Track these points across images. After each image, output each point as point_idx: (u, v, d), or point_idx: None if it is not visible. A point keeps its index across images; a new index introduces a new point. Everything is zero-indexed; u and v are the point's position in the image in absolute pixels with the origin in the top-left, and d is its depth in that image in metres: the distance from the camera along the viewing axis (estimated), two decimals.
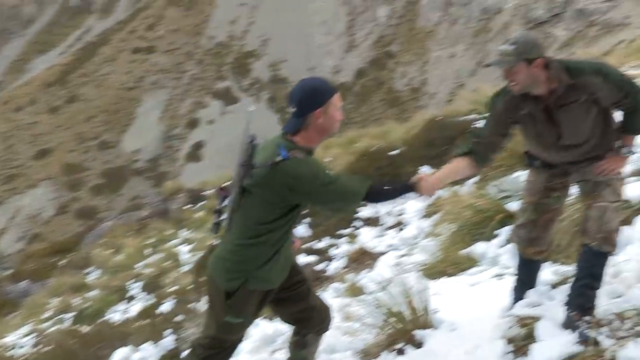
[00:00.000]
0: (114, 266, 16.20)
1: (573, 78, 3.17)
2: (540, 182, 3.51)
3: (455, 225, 6.27)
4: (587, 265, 3.30)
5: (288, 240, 3.25)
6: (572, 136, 3.27)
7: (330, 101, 3.13)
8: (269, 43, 71.83)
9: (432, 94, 62.90)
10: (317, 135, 3.15)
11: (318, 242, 8.54)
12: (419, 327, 3.76)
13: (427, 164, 9.24)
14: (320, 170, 3.06)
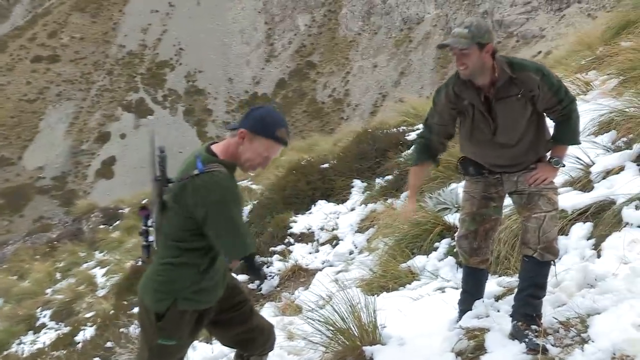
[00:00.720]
0: (19, 293, 15.57)
1: (514, 72, 3.36)
2: (477, 192, 3.67)
3: (392, 238, 6.39)
4: (530, 275, 3.48)
5: (218, 260, 3.17)
6: (506, 132, 3.43)
7: (263, 139, 3.03)
8: (184, 52, 71.02)
9: (356, 105, 64.04)
10: (237, 155, 3.08)
11: None
12: (367, 343, 3.82)
13: (358, 177, 9.40)
14: (229, 197, 2.98)
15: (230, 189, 2.99)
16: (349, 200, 9.12)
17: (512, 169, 3.55)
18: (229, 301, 3.36)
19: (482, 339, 3.56)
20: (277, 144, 3.05)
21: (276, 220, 9.07)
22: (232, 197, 2.98)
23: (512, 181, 3.56)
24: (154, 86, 68.93)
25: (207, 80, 68.95)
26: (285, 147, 3.11)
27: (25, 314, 13.36)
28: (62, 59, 71.35)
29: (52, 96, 68.49)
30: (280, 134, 3.03)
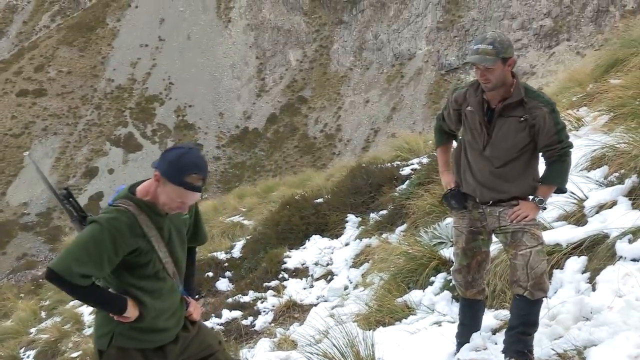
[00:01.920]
0: (2, 333, 15.38)
1: (527, 96, 3.53)
2: (464, 227, 3.81)
3: (387, 273, 6.49)
4: (521, 313, 3.59)
5: (160, 302, 3.11)
6: (497, 149, 3.58)
7: (170, 183, 2.93)
8: (174, 87, 71.50)
9: (348, 141, 64.48)
10: (156, 196, 3.02)
11: (243, 295, 8.55)
12: None
13: (353, 212, 9.52)
14: (95, 237, 2.90)
15: (111, 229, 2.91)
16: (344, 235, 9.23)
17: (493, 193, 3.65)
18: (192, 354, 3.32)
19: None
20: (187, 191, 2.92)
21: (270, 256, 9.16)
22: (106, 240, 2.89)
23: (494, 216, 3.68)
24: (143, 121, 69.18)
25: (197, 114, 69.32)
26: (199, 193, 2.95)
27: (8, 355, 13.21)
28: (49, 93, 71.64)
29: (38, 131, 68.56)
30: (190, 179, 2.89)
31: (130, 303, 3.05)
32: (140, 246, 3.01)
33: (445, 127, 3.93)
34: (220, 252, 10.70)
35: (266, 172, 59.27)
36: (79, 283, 2.90)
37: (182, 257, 3.22)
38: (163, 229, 3.08)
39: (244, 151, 66.45)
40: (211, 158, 65.90)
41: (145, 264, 3.05)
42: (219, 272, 9.80)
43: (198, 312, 3.36)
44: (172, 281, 3.16)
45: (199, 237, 3.42)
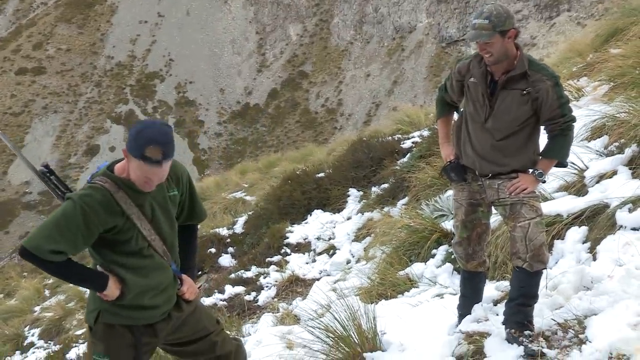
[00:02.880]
0: (6, 311, 15.49)
1: (530, 69, 3.50)
2: (463, 200, 3.80)
3: (389, 247, 6.51)
4: (521, 285, 3.60)
5: (141, 279, 3.08)
6: (499, 121, 3.56)
7: (134, 159, 2.90)
8: (174, 63, 71.13)
9: (349, 115, 64.29)
10: (130, 171, 2.99)
11: (246, 271, 8.59)
12: (367, 349, 3.92)
13: (354, 186, 9.53)
14: (67, 213, 2.90)
15: (83, 205, 2.90)
16: (345, 209, 9.25)
17: (492, 166, 3.63)
18: (185, 334, 3.34)
19: (481, 343, 3.67)
20: (147, 165, 2.86)
21: (272, 231, 9.18)
22: (76, 215, 2.89)
23: (493, 189, 3.67)
24: (144, 98, 68.97)
25: (198, 91, 69.07)
26: (159, 167, 2.87)
27: (13, 333, 13.31)
28: (48, 71, 71.35)
29: (38, 109, 68.42)
30: (148, 153, 2.83)
31: (112, 281, 3.05)
32: (118, 224, 2.99)
33: (447, 98, 3.91)
34: (223, 228, 10.73)
35: (268, 148, 59.19)
36: (51, 259, 2.89)
37: (170, 234, 3.19)
38: (144, 205, 3.05)
39: (246, 127, 66.32)
40: (213, 134, 65.86)
41: (126, 241, 3.04)
42: (221, 248, 9.84)
43: (193, 291, 3.31)
44: (159, 259, 3.13)
45: (197, 214, 3.39)
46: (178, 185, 3.21)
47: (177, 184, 3.21)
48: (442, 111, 3.99)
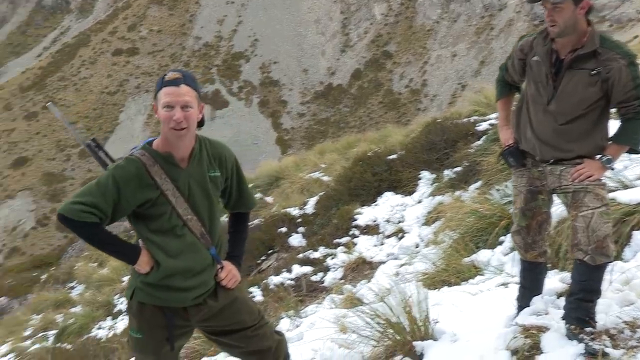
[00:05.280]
0: (98, 280, 16.16)
1: (602, 47, 3.21)
2: (523, 186, 3.56)
3: (457, 232, 6.31)
4: (581, 280, 3.32)
5: (173, 259, 3.03)
6: (563, 104, 3.30)
7: (156, 99, 2.94)
8: (259, 43, 71.97)
9: (433, 96, 63.20)
10: (164, 136, 3.00)
11: (313, 251, 8.56)
12: (418, 338, 3.79)
13: (426, 168, 9.29)
14: (100, 180, 2.94)
15: (115, 174, 2.93)
16: (416, 192, 9.04)
17: (554, 152, 3.38)
18: (220, 324, 3.26)
19: (538, 338, 3.46)
20: (165, 88, 2.89)
21: (341, 212, 9.10)
22: (109, 181, 2.91)
23: (555, 175, 3.41)
24: (230, 77, 70.30)
25: (282, 71, 69.70)
26: (176, 87, 2.87)
27: (104, 300, 13.92)
28: (141, 51, 73.88)
29: (132, 88, 71.09)
30: (167, 77, 2.90)
31: (144, 255, 3.03)
32: (151, 198, 2.96)
33: (508, 78, 3.67)
34: (294, 208, 10.75)
35: (350, 129, 59.06)
36: (85, 219, 2.89)
37: (209, 216, 3.10)
38: (178, 181, 3.00)
39: (328, 107, 66.44)
40: (295, 114, 66.37)
41: (159, 217, 2.99)
42: (292, 228, 9.85)
43: (232, 279, 3.21)
44: (194, 240, 3.06)
45: (244, 202, 3.31)
46: (221, 167, 3.13)
47: (219, 165, 3.13)
48: (502, 92, 3.75)
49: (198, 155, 3.05)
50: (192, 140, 3.02)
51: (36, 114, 70.17)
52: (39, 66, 76.86)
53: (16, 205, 62.05)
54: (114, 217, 2.96)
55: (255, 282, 8.37)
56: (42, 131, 68.43)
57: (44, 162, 65.05)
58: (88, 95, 71.16)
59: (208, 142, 3.13)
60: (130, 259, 3.02)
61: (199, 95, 2.98)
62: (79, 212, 2.88)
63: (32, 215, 60.88)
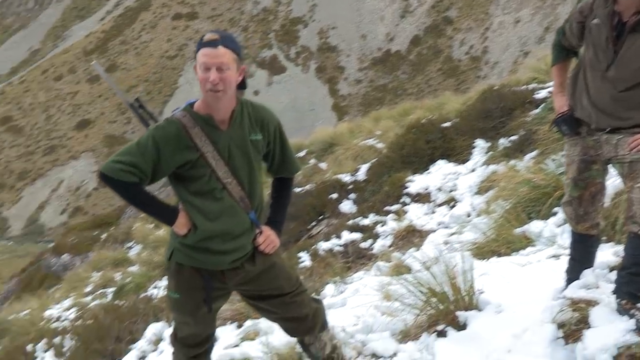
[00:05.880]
0: (155, 241, 16.58)
1: None
2: (575, 155, 3.43)
3: (509, 202, 6.17)
4: (635, 253, 3.20)
5: (210, 222, 3.03)
6: (622, 70, 3.14)
7: (196, 57, 2.91)
8: (318, 9, 71.40)
9: (494, 64, 61.67)
10: (203, 98, 3.00)
11: (363, 218, 8.54)
12: (462, 308, 3.74)
13: (481, 136, 9.09)
14: (140, 140, 2.96)
15: (155, 135, 2.94)
16: (470, 161, 8.87)
17: (611, 120, 3.22)
18: (257, 289, 3.26)
19: (587, 312, 3.36)
20: (203, 49, 2.86)
21: (393, 179, 9.03)
22: (148, 141, 2.93)
23: (611, 144, 3.26)
24: (287, 43, 70.18)
25: (340, 37, 69.10)
26: (214, 48, 2.84)
27: (160, 261, 14.30)
28: (200, 15, 74.41)
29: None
30: (205, 38, 2.87)
31: (182, 217, 3.04)
32: (191, 159, 2.96)
33: (565, 42, 3.50)
34: (346, 174, 10.71)
35: (408, 96, 58.33)
36: (124, 179, 2.92)
37: (249, 180, 3.07)
38: (218, 143, 2.98)
39: (386, 74, 65.70)
40: (353, 81, 65.90)
41: (198, 179, 3.00)
42: (343, 195, 9.84)
43: (270, 244, 3.18)
44: (233, 204, 3.05)
45: (287, 167, 3.26)
46: (262, 131, 3.09)
47: (261, 128, 3.09)
48: (557, 57, 3.59)
49: (239, 118, 3.03)
50: (231, 103, 3.00)
51: (98, 78, 71.86)
52: (102, 30, 78.44)
53: (79, 166, 64.11)
54: (153, 178, 2.99)
55: (304, 247, 8.43)
56: (104, 94, 70.11)
57: (105, 125, 66.79)
58: (148, 59, 72.33)
59: (250, 105, 3.10)
60: (169, 220, 3.05)
61: (238, 57, 2.93)
62: (119, 171, 2.91)
63: (94, 176, 62.78)
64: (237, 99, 3.04)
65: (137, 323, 6.18)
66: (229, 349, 4.64)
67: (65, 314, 11.36)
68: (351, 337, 4.02)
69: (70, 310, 11.59)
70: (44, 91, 72.80)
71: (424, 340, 3.71)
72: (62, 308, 12.09)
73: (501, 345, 3.45)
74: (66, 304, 12.43)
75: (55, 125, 69.36)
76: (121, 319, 6.35)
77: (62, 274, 19.18)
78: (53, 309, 12.35)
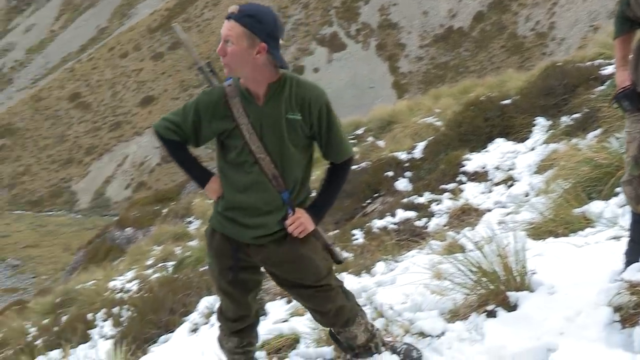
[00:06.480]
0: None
1: None
2: (637, 132, 3.27)
3: (569, 181, 5.98)
4: None
5: (237, 194, 3.05)
6: None
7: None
8: None
9: (561, 40, 59.64)
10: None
11: (419, 197, 8.44)
12: (513, 288, 3.65)
13: (541, 114, 8.81)
14: (188, 102, 3.10)
15: (199, 99, 3.07)
16: (530, 139, 8.62)
17: None
18: (280, 274, 3.25)
19: None
20: (225, 21, 2.93)
21: (449, 158, 8.88)
22: (192, 104, 3.06)
23: None
24: (348, 20, 69.61)
25: (401, 13, 68.07)
26: (226, 20, 2.91)
27: None
28: None
29: None
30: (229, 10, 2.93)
31: (213, 182, 3.14)
32: (227, 128, 3.00)
33: (629, 13, 3.33)
34: (402, 152, 10.60)
35: (470, 73, 57.07)
36: (169, 137, 3.08)
37: (281, 159, 3.01)
38: (251, 117, 2.97)
39: (448, 51, 64.44)
40: (413, 58, 64.96)
41: (232, 148, 3.03)
42: (398, 172, 9.75)
43: (298, 228, 3.08)
44: (262, 179, 3.02)
45: (332, 152, 3.10)
46: (302, 110, 2.97)
47: (301, 108, 2.98)
48: (621, 29, 3.42)
49: (275, 94, 2.98)
50: (263, 77, 2.95)
51: (162, 55, 73.19)
52: (166, 8, 79.64)
53: (143, 142, 65.65)
54: (197, 140, 3.10)
55: (358, 224, 8.40)
56: (167, 71, 71.37)
57: (168, 102, 68.01)
58: (210, 37, 73.03)
59: (296, 82, 3.01)
60: (201, 183, 3.17)
61: (252, 33, 2.86)
62: (164, 128, 3.09)
63: (158, 152, 64.23)
64: (279, 75, 2.99)
65: (191, 296, 6.32)
66: (278, 324, 4.69)
67: (127, 285, 11.72)
68: (399, 315, 3.99)
69: (132, 282, 11.95)
70: (110, 68, 74.69)
71: (473, 320, 3.65)
72: (125, 280, 12.48)
73: (553, 327, 3.36)
74: (129, 276, 12.83)
75: (120, 101, 71.19)
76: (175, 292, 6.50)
77: (126, 247, 19.81)
78: (116, 280, 12.76)
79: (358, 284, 4.89)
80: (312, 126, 3.02)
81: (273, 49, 2.89)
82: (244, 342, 3.46)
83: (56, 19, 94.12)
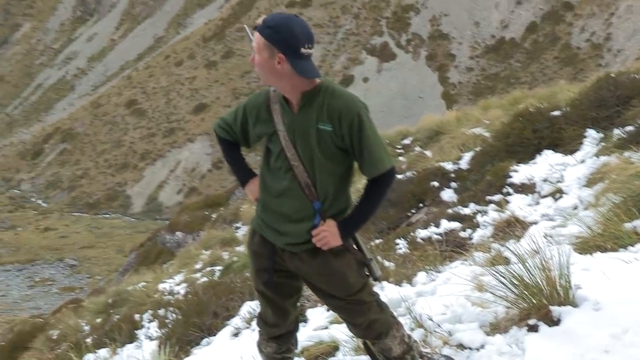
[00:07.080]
0: None
1: None
2: None
3: (619, 195, 5.78)
4: None
5: (270, 198, 3.07)
6: None
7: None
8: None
9: (618, 51, 58.14)
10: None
11: (464, 207, 8.30)
12: (556, 303, 3.53)
13: (593, 126, 8.57)
14: (240, 104, 3.21)
15: (248, 102, 3.19)
16: (580, 152, 8.38)
17: None
18: (313, 284, 3.21)
19: None
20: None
21: (496, 169, 8.70)
22: (242, 106, 3.19)
23: None
24: (398, 30, 69.37)
25: (452, 24, 67.50)
26: (256, 30, 2.97)
27: None
28: (313, 3, 74.94)
29: None
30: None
31: (253, 184, 3.26)
32: (267, 132, 3.05)
33: None
34: (449, 162, 10.46)
35: (520, 85, 56.19)
36: (220, 135, 3.29)
37: (312, 168, 2.97)
38: (286, 124, 2.98)
39: (499, 62, 63.55)
40: (464, 69, 64.29)
41: (272, 153, 3.07)
42: (444, 183, 9.62)
43: (322, 239, 2.99)
44: (296, 187, 2.99)
45: (365, 166, 2.96)
46: (332, 121, 2.90)
47: (332, 119, 2.90)
48: None
49: (308, 103, 2.96)
50: (294, 86, 2.93)
51: (215, 63, 74.31)
52: (220, 17, 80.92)
53: (195, 148, 66.74)
54: (246, 141, 3.22)
55: (402, 234, 8.31)
56: (220, 79, 72.40)
57: (220, 109, 68.93)
58: None
59: (331, 92, 2.94)
60: (241, 183, 3.33)
61: (271, 44, 2.87)
62: (217, 126, 3.28)
63: (209, 158, 65.17)
64: (315, 84, 2.96)
65: (234, 300, 6.34)
66: (318, 331, 4.66)
67: (176, 288, 11.87)
68: (438, 326, 3.91)
69: (180, 285, 12.11)
70: (166, 76, 76.23)
71: (514, 334, 3.54)
72: (174, 282, 12.65)
73: (598, 344, 3.23)
74: (177, 279, 13.00)
75: (174, 108, 72.55)
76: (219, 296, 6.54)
77: (176, 250, 20.12)
78: (166, 282, 12.95)
79: (398, 293, 4.81)
80: (343, 138, 2.93)
81: (292, 58, 2.84)
82: (283, 348, 3.45)
83: (116, 28, 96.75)
